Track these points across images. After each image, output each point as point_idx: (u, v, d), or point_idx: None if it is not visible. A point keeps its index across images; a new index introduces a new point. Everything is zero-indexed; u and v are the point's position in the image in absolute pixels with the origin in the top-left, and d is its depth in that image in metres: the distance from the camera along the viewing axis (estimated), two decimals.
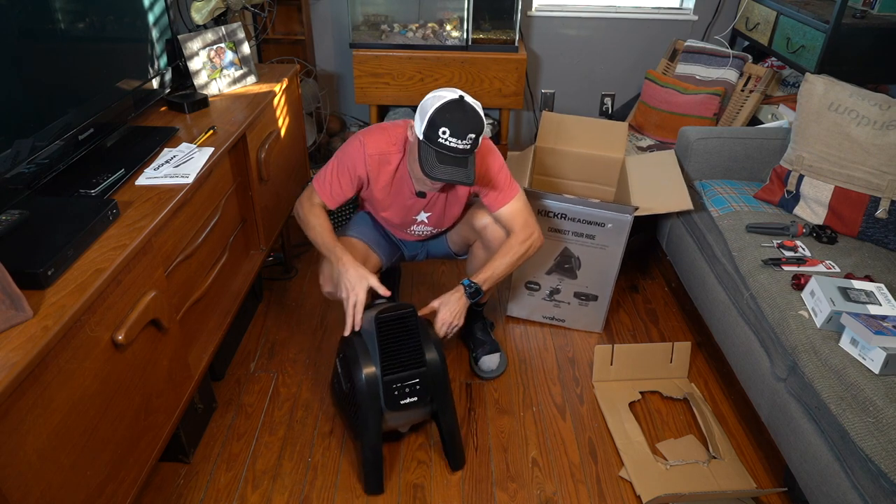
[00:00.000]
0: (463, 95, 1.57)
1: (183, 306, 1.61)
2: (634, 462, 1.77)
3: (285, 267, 2.57)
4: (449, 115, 1.53)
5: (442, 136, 1.53)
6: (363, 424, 1.62)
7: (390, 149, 1.74)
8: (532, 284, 2.25)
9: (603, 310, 2.24)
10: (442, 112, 1.53)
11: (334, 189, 1.76)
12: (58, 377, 1.10)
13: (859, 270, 1.77)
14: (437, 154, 1.55)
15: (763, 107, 2.74)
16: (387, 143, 1.73)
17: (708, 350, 2.22)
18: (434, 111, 1.54)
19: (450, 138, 1.53)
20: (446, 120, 1.53)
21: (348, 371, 1.66)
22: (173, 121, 1.89)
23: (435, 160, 1.56)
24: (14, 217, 1.24)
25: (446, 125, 1.52)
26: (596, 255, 2.12)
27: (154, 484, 1.69)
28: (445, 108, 1.54)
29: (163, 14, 1.93)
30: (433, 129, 1.53)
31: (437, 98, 1.56)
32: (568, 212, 2.07)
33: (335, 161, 1.77)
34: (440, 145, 1.54)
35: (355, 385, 1.62)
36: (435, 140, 1.54)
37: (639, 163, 2.39)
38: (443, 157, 1.55)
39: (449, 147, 1.54)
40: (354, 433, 1.77)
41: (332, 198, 1.77)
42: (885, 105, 1.91)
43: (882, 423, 1.31)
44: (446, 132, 1.52)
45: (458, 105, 1.55)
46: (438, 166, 1.55)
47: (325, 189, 1.77)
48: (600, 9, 3.22)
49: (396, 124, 1.77)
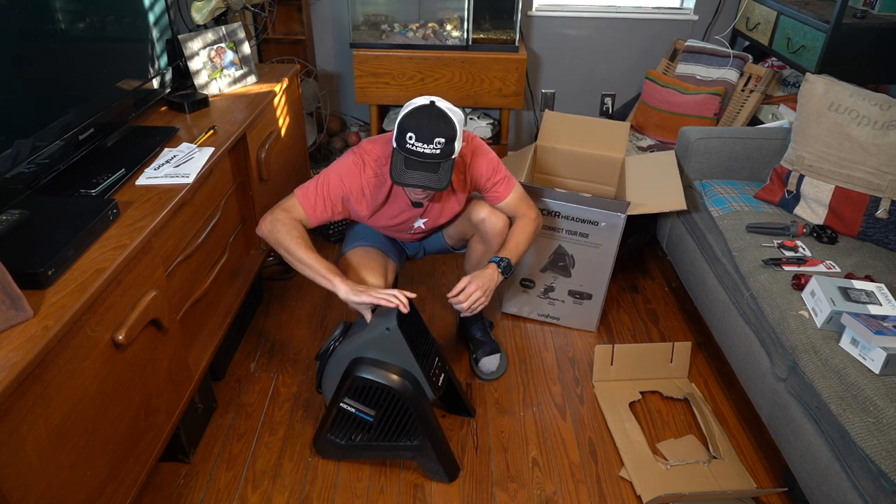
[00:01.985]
0: (434, 101, 1.56)
1: (183, 306, 1.61)
2: (634, 462, 1.77)
3: (285, 267, 2.57)
4: (416, 121, 1.53)
5: (409, 140, 1.52)
6: (425, 426, 1.62)
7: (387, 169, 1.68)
8: (526, 282, 2.25)
9: (597, 309, 2.24)
10: (409, 117, 1.53)
11: (319, 208, 1.68)
12: (58, 377, 1.10)
13: (860, 270, 1.76)
14: (406, 159, 1.55)
15: (763, 107, 2.74)
16: (386, 160, 1.68)
17: (708, 350, 2.22)
18: (402, 116, 1.54)
19: (416, 143, 1.52)
20: (413, 125, 1.52)
21: (378, 392, 1.60)
22: (173, 121, 1.89)
23: (403, 165, 1.55)
24: (14, 217, 1.24)
25: (413, 130, 1.52)
26: (590, 254, 2.13)
27: (154, 484, 1.69)
28: (413, 114, 1.54)
29: (163, 14, 1.93)
30: (401, 134, 1.53)
31: (409, 104, 1.57)
32: (562, 210, 2.07)
33: (325, 179, 1.68)
34: (408, 150, 1.53)
35: (401, 397, 1.59)
36: (402, 145, 1.53)
37: (638, 163, 2.39)
38: (410, 161, 1.54)
39: (416, 152, 1.52)
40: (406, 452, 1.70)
41: (314, 216, 1.69)
42: (885, 105, 1.91)
43: (882, 424, 1.30)
44: (412, 137, 1.52)
45: (426, 110, 1.54)
46: (405, 171, 1.54)
47: (310, 205, 1.67)
48: (600, 9, 3.22)
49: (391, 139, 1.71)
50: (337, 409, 1.66)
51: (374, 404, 1.63)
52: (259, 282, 2.39)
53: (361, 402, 1.64)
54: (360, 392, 1.62)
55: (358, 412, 1.65)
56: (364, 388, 1.61)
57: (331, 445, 1.72)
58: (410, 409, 1.61)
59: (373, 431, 1.68)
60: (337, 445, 1.71)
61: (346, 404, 1.64)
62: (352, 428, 1.69)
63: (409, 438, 1.66)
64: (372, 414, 1.64)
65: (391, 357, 1.60)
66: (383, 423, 1.65)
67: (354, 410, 1.65)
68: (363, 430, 1.69)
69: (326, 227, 2.74)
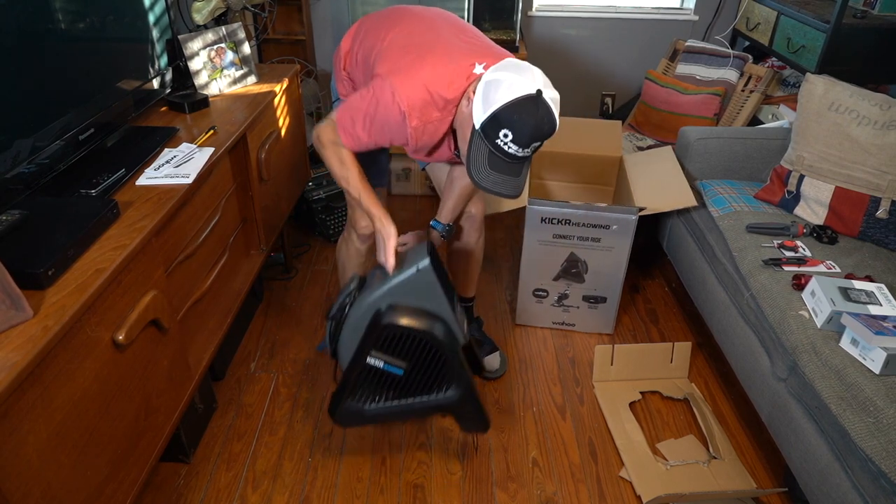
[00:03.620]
0: (542, 90, 1.30)
1: (183, 306, 1.61)
2: (634, 462, 1.77)
3: (285, 267, 2.57)
4: (517, 117, 1.28)
5: (502, 138, 1.30)
6: (462, 373, 1.49)
7: (436, 115, 1.46)
8: (540, 292, 2.24)
9: (612, 311, 2.23)
10: (510, 111, 1.28)
11: (362, 145, 1.53)
12: (58, 377, 1.10)
13: (860, 270, 1.76)
14: (490, 156, 1.34)
15: (763, 107, 2.74)
16: (433, 109, 1.45)
17: (708, 350, 2.22)
18: (501, 107, 1.28)
19: (510, 144, 1.30)
20: (513, 121, 1.28)
21: (410, 341, 1.46)
22: (174, 121, 1.89)
23: (485, 162, 1.34)
24: (14, 217, 1.24)
25: (511, 128, 1.28)
26: (603, 258, 2.12)
27: (154, 484, 1.69)
28: (516, 108, 1.28)
29: (163, 14, 1.93)
30: (494, 125, 1.30)
31: (509, 87, 1.29)
32: (573, 217, 2.06)
33: (367, 118, 1.47)
34: (496, 147, 1.31)
35: (436, 344, 1.45)
36: (492, 140, 1.31)
37: (638, 161, 2.39)
38: (496, 161, 1.34)
39: (505, 153, 1.32)
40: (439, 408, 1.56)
41: (358, 150, 1.55)
42: (885, 105, 1.91)
43: (882, 424, 1.30)
44: (508, 136, 1.29)
45: (531, 105, 1.28)
46: (488, 171, 1.34)
47: (353, 143, 1.53)
48: (600, 9, 3.22)
49: (437, 79, 1.44)
50: (360, 367, 1.48)
51: (405, 355, 1.47)
52: (259, 282, 2.39)
53: (390, 354, 1.48)
54: (388, 343, 1.46)
55: (387, 366, 1.48)
56: (394, 339, 1.46)
57: (352, 412, 1.55)
58: (445, 355, 1.46)
59: (401, 388, 1.52)
60: (358, 412, 1.55)
61: (373, 358, 1.47)
62: (376, 388, 1.53)
63: (443, 390, 1.52)
64: (403, 366, 1.48)
65: (421, 301, 1.46)
66: (414, 377, 1.50)
67: (383, 365, 1.48)
68: (389, 390, 1.53)
69: (327, 228, 2.74)
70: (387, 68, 1.50)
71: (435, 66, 1.46)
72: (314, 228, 2.80)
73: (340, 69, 1.81)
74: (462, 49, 1.52)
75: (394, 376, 1.51)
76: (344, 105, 1.53)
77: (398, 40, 1.56)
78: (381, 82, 1.46)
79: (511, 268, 2.64)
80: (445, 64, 1.46)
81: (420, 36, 1.56)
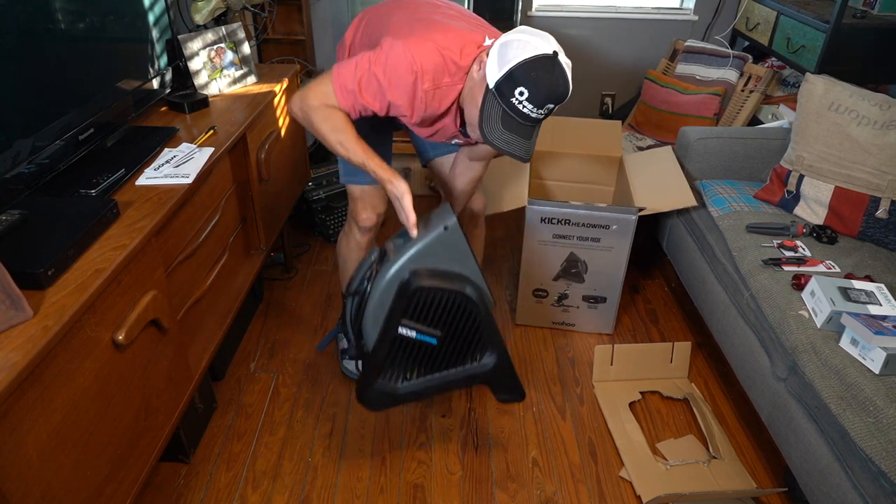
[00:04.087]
0: (558, 52, 1.28)
1: (183, 306, 1.61)
2: (634, 462, 1.77)
3: (285, 267, 2.57)
4: (534, 75, 1.26)
5: (518, 96, 1.27)
6: (497, 337, 1.44)
7: (446, 80, 1.41)
8: (539, 292, 2.24)
9: (612, 311, 2.23)
10: (527, 68, 1.26)
11: (359, 106, 1.43)
12: (58, 377, 1.10)
13: (859, 270, 1.76)
14: (504, 115, 1.31)
15: (763, 107, 2.74)
16: (445, 73, 1.41)
17: (708, 350, 2.22)
18: (518, 64, 1.26)
19: (525, 103, 1.28)
20: (530, 80, 1.26)
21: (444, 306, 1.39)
22: (173, 121, 1.89)
23: (498, 121, 1.31)
24: (14, 217, 1.24)
25: (527, 86, 1.26)
26: (602, 258, 2.12)
27: (154, 484, 1.69)
28: (533, 65, 1.26)
29: (163, 14, 1.93)
30: (510, 84, 1.27)
31: (525, 46, 1.27)
32: (572, 217, 2.06)
33: (372, 77, 1.39)
34: (511, 106, 1.29)
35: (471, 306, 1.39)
36: (507, 99, 1.29)
37: (638, 161, 2.39)
38: (509, 121, 1.31)
39: (520, 112, 1.29)
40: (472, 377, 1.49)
41: (355, 114, 1.46)
42: (885, 105, 1.91)
43: (882, 424, 1.31)
44: (524, 94, 1.27)
45: (548, 64, 1.27)
46: (501, 130, 1.31)
47: (349, 103, 1.42)
48: (600, 9, 3.22)
49: (449, 45, 1.41)
50: (391, 341, 1.41)
51: (439, 322, 1.40)
52: (259, 282, 2.39)
53: (423, 322, 1.40)
54: (420, 310, 1.39)
55: (420, 336, 1.41)
56: (426, 304, 1.38)
57: (383, 393, 1.46)
58: (480, 317, 1.41)
59: (435, 360, 1.45)
60: (390, 392, 1.46)
61: (405, 328, 1.39)
62: (408, 363, 1.45)
63: (479, 358, 1.46)
64: (436, 335, 1.42)
65: (451, 262, 1.40)
66: (448, 345, 1.44)
67: (416, 334, 1.41)
68: (422, 364, 1.45)
69: (327, 228, 2.74)
70: (396, 35, 1.43)
71: (446, 33, 1.42)
72: (314, 228, 2.80)
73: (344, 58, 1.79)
74: (471, 27, 1.50)
75: (427, 347, 1.43)
76: (343, 64, 1.43)
77: (405, 18, 1.52)
78: (392, 42, 1.39)
79: (511, 268, 2.64)
80: (456, 33, 1.43)
81: (427, 14, 1.53)
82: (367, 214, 1.78)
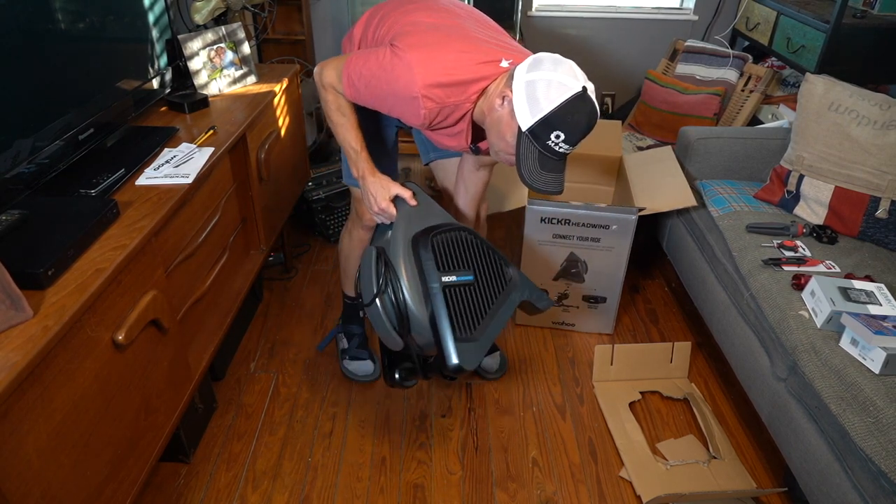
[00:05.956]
0: (586, 87, 1.28)
1: (183, 306, 1.61)
2: (634, 462, 1.77)
3: (285, 267, 2.58)
4: (570, 118, 1.25)
5: (554, 139, 1.27)
6: (498, 253, 1.53)
7: (452, 101, 1.39)
8: None
9: (612, 311, 2.23)
10: (563, 113, 1.25)
11: (361, 103, 1.48)
12: (58, 377, 1.10)
13: (859, 270, 1.76)
14: (541, 157, 1.30)
15: (763, 107, 2.74)
16: (451, 95, 1.39)
17: (708, 350, 2.22)
18: (554, 110, 1.25)
19: (562, 144, 1.27)
20: (566, 123, 1.25)
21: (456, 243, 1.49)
22: (173, 121, 1.89)
23: (536, 163, 1.30)
24: (14, 217, 1.24)
25: (563, 129, 1.25)
26: (602, 258, 2.12)
27: (154, 484, 1.69)
28: (566, 109, 1.25)
29: (163, 14, 1.93)
30: (545, 129, 1.26)
31: (555, 88, 1.25)
32: (572, 217, 2.06)
33: (377, 81, 1.40)
34: (546, 148, 1.28)
35: (470, 232, 1.52)
36: (543, 142, 1.28)
37: (638, 161, 2.39)
38: (546, 161, 1.30)
39: (556, 152, 1.29)
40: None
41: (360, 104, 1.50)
42: (885, 105, 1.91)
43: (882, 423, 1.31)
44: (560, 136, 1.26)
45: (580, 103, 1.26)
46: (539, 172, 1.30)
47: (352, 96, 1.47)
48: (600, 9, 3.23)
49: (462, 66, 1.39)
50: (444, 296, 1.44)
51: (461, 262, 1.49)
52: (259, 282, 2.39)
53: (451, 269, 1.47)
54: (442, 259, 1.47)
55: (459, 278, 1.47)
56: (443, 249, 1.47)
57: (468, 349, 1.45)
58: (481, 241, 1.50)
59: (482, 297, 1.49)
60: (472, 343, 1.47)
61: (446, 276, 1.45)
62: (467, 313, 1.48)
63: (506, 278, 1.53)
64: (469, 273, 1.48)
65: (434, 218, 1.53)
66: (482, 277, 1.50)
67: (456, 279, 1.46)
68: (476, 305, 1.48)
69: (327, 228, 2.74)
70: (410, 42, 1.41)
71: (461, 51, 1.40)
72: (314, 228, 2.80)
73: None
74: (488, 43, 1.48)
75: (471, 287, 1.48)
76: (359, 55, 1.45)
77: (424, 20, 1.50)
78: (402, 54, 1.37)
79: None
80: (472, 52, 1.41)
81: (445, 21, 1.50)
82: (371, 214, 1.78)
